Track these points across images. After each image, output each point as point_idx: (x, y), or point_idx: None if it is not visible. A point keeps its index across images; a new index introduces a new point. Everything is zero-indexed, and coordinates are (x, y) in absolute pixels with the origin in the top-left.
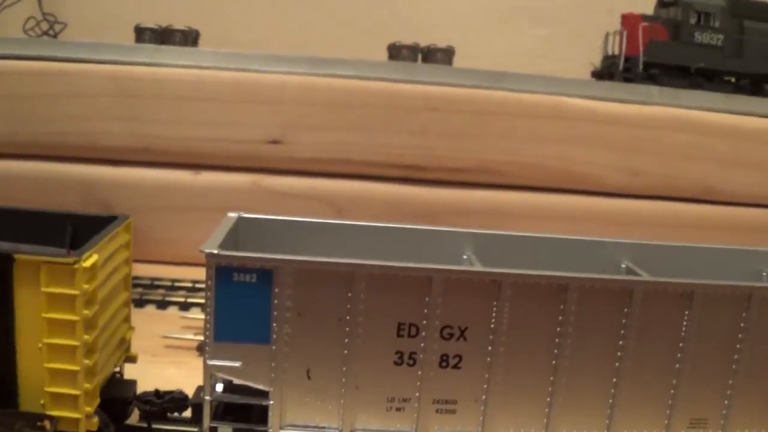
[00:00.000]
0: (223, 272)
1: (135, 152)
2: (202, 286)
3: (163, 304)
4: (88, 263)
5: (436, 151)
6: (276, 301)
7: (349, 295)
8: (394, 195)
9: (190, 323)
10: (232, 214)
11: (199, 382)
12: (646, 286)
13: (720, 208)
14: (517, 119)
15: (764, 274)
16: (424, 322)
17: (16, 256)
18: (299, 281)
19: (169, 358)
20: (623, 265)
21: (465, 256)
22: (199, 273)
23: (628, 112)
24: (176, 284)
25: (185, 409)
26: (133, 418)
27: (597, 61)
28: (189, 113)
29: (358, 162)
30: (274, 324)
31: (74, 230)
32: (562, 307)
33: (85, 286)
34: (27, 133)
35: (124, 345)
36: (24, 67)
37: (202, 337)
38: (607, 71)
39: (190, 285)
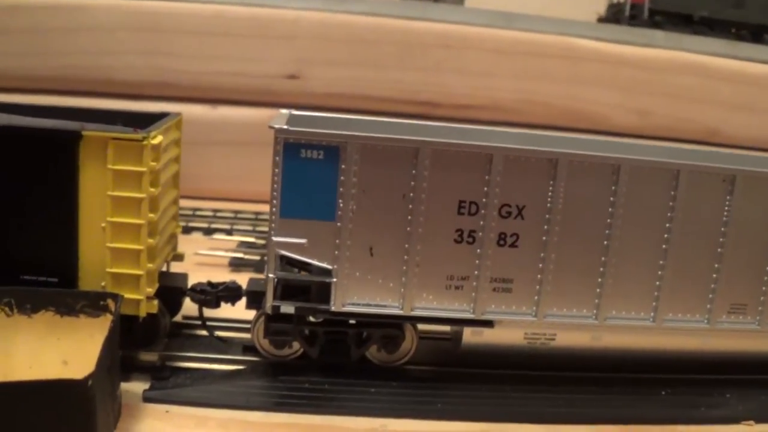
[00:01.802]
0: (291, 148)
1: (152, 87)
2: (224, 214)
3: (187, 230)
4: (155, 141)
5: (449, 88)
6: (342, 178)
7: (413, 172)
8: None
9: (217, 244)
10: (284, 111)
11: None
12: (692, 169)
13: (723, 150)
14: (528, 58)
15: None
16: (484, 200)
17: (83, 132)
18: (365, 158)
19: (202, 273)
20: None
21: None
22: (219, 204)
23: (635, 53)
24: (197, 213)
25: (239, 298)
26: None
27: (602, 10)
28: (206, 48)
29: (372, 98)
30: (340, 201)
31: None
32: (614, 187)
33: (153, 164)
34: (44, 67)
35: (173, 241)
36: (40, 2)
37: (232, 254)
38: (613, 18)
39: (211, 213)
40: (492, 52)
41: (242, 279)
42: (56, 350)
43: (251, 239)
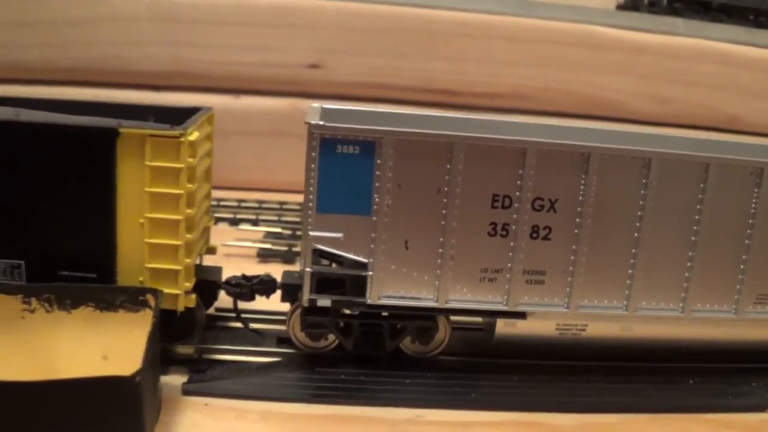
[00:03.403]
0: (327, 144)
1: (175, 77)
2: (248, 204)
3: None
4: (192, 137)
5: (470, 76)
6: (377, 173)
7: (448, 166)
8: None
9: (244, 235)
10: (316, 105)
11: None
12: (721, 162)
13: (743, 137)
14: (547, 46)
15: None
16: (518, 193)
17: (121, 129)
18: (400, 153)
19: (231, 264)
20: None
21: None
22: (243, 194)
23: (654, 41)
24: (222, 203)
25: (274, 291)
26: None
27: None
28: (228, 38)
29: (393, 86)
30: (375, 195)
31: (156, 121)
32: (644, 180)
33: (190, 160)
34: (68, 58)
35: (206, 235)
36: None
37: (259, 245)
38: (632, 5)
39: (236, 204)
40: (512, 40)
41: (270, 269)
42: (96, 345)
43: (277, 230)
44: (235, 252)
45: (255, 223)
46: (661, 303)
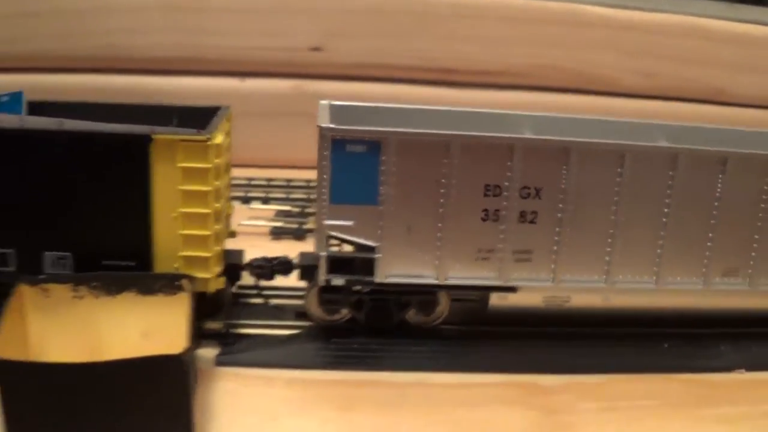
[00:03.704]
0: (337, 144)
1: (183, 62)
2: (258, 182)
3: None
4: (218, 140)
5: (466, 55)
6: (383, 168)
7: (445, 161)
8: (428, 97)
9: (255, 213)
10: (324, 102)
11: None
12: (688, 152)
13: (729, 108)
14: (538, 25)
15: None
16: (506, 183)
17: (154, 135)
18: (403, 150)
19: (246, 242)
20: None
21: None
22: (251, 172)
23: (640, 18)
24: (233, 182)
25: (291, 270)
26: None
27: None
28: (233, 24)
29: (393, 66)
30: (381, 187)
31: (179, 121)
32: (619, 170)
33: (216, 161)
34: (80, 47)
35: (228, 221)
36: None
37: (272, 224)
38: None
39: (246, 182)
40: (504, 20)
41: (284, 246)
42: (137, 325)
43: (287, 207)
44: (249, 230)
45: (265, 201)
46: (636, 276)
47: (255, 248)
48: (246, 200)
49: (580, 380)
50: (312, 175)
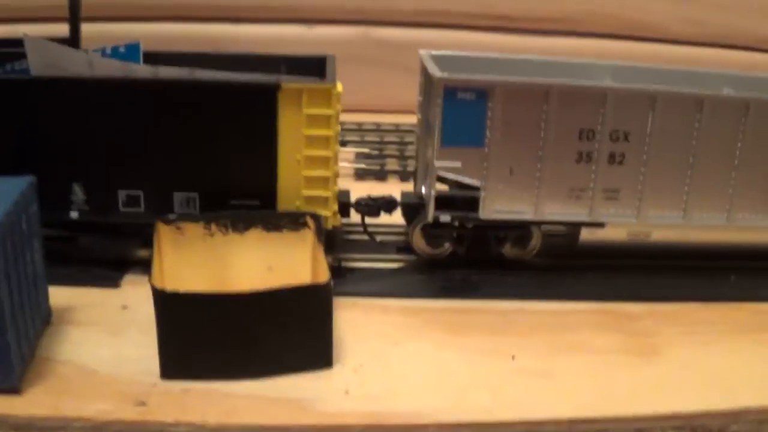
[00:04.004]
0: (449, 92)
1: (254, 10)
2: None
3: None
4: (339, 89)
5: (526, 3)
6: (489, 113)
7: (545, 107)
8: (487, 42)
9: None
10: (423, 52)
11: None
12: (757, 101)
13: None
14: None
15: None
16: (599, 127)
17: (282, 84)
18: (507, 98)
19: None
20: (725, 92)
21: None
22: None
23: None
24: None
25: (395, 208)
26: None
27: None
28: None
29: (455, 13)
30: (487, 131)
31: (288, 71)
32: (697, 116)
33: (338, 107)
34: None
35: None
36: None
37: (355, 165)
38: None
39: None
40: None
41: (368, 186)
42: (263, 259)
43: (366, 150)
44: None
45: (343, 143)
46: (710, 213)
47: (345, 187)
48: None
49: (659, 308)
50: (381, 118)
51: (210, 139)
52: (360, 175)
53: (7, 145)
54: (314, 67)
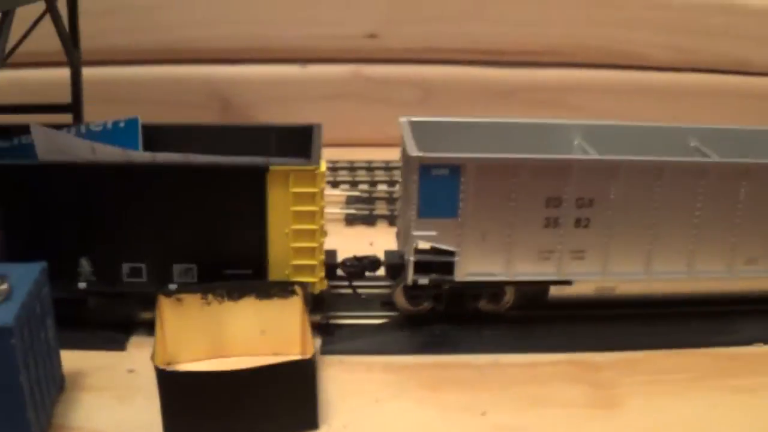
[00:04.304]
0: (424, 168)
1: (250, 51)
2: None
3: None
4: (322, 168)
5: (510, 37)
6: (462, 187)
7: (514, 180)
8: (475, 75)
9: (328, 198)
10: (403, 119)
11: (349, 247)
12: (716, 166)
13: (755, 78)
14: (577, 8)
15: None
16: (565, 196)
17: (270, 167)
18: (480, 172)
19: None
20: (692, 145)
21: (575, 143)
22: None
23: None
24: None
25: (379, 267)
26: None
27: None
28: (294, 13)
29: (445, 49)
30: (461, 203)
31: (278, 139)
32: (658, 182)
33: (322, 185)
34: (150, 41)
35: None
36: None
37: (345, 211)
38: None
39: None
40: (544, 2)
41: (357, 232)
42: (256, 325)
43: (356, 193)
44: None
45: (334, 185)
46: (672, 267)
47: (333, 236)
48: None
49: (625, 356)
50: (372, 154)
51: (205, 215)
52: (350, 220)
53: (18, 223)
54: (301, 135)
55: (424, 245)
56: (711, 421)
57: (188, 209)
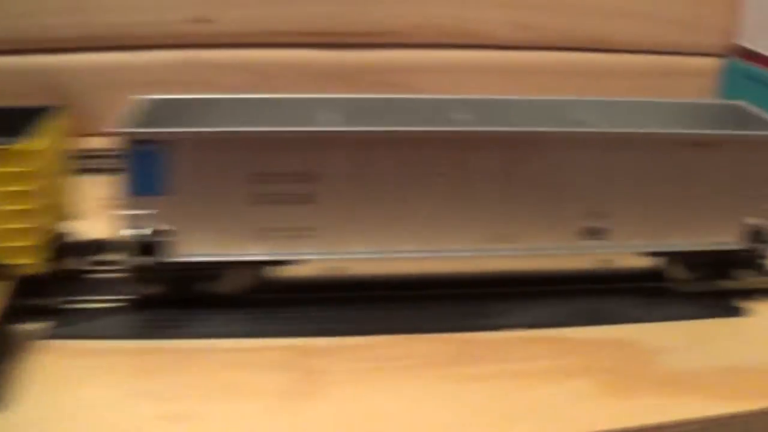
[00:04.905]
0: (136, 145)
1: (81, 40)
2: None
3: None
4: (40, 147)
5: (350, 17)
6: (175, 164)
7: (226, 155)
8: (315, 59)
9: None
10: (139, 97)
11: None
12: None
13: (610, 55)
14: None
15: None
16: (280, 170)
17: None
18: (192, 148)
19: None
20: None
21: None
22: None
23: None
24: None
25: (104, 249)
26: None
27: None
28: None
29: (281, 32)
30: (175, 180)
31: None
32: (388, 152)
33: (38, 163)
34: None
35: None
36: None
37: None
38: None
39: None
40: None
41: None
42: None
43: None
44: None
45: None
46: (410, 245)
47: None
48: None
49: (347, 342)
50: None
51: None
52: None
53: None
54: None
55: (147, 225)
56: (413, 411)
57: None
